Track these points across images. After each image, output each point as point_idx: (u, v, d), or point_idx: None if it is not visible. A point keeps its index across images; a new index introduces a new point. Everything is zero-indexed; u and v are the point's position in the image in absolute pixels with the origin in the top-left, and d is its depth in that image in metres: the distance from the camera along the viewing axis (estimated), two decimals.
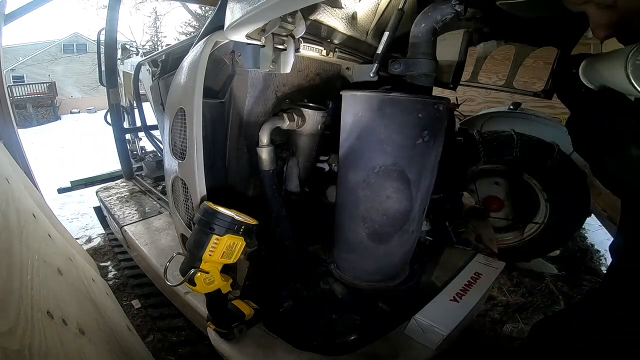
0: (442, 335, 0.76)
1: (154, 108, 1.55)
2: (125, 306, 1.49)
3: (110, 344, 0.85)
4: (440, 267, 1.06)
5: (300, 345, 0.79)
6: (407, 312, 0.83)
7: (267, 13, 0.57)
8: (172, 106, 0.82)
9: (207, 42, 0.74)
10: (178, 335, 1.26)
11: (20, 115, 11.43)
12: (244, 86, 0.84)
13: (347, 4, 0.83)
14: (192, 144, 0.75)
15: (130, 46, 2.22)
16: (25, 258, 0.71)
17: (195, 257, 0.69)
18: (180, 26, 16.61)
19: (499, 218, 1.81)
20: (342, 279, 0.99)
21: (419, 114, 0.74)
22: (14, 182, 0.99)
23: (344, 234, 0.93)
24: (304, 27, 0.70)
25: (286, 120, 0.89)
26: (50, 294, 0.73)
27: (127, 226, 1.53)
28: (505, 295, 1.58)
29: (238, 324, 0.80)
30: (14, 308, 0.56)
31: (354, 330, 0.83)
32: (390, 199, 0.82)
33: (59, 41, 16.12)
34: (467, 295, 0.88)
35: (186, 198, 0.84)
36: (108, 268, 1.85)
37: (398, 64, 0.79)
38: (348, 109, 0.83)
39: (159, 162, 2.09)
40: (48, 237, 0.98)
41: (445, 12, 0.70)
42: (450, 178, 1.14)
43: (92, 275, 1.25)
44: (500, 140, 1.66)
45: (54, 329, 0.64)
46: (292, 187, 1.06)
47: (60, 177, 3.15)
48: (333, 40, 0.92)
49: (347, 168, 0.86)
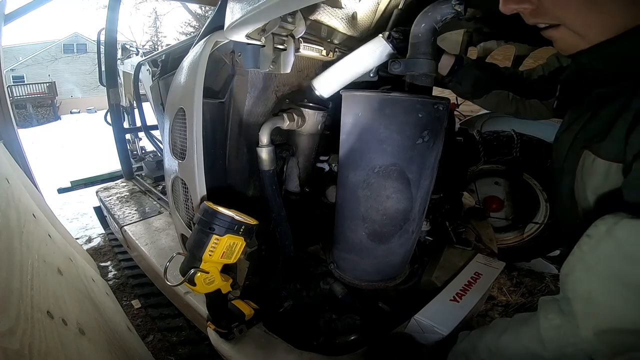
0: (442, 335, 0.76)
1: (154, 108, 1.55)
2: (125, 306, 1.50)
3: (110, 344, 0.85)
4: (440, 267, 1.05)
5: (300, 345, 0.79)
6: (407, 312, 0.83)
7: (267, 13, 0.57)
8: (172, 106, 0.82)
9: (207, 42, 0.74)
10: (178, 335, 1.26)
11: (20, 115, 11.45)
12: (244, 86, 0.84)
13: (347, 4, 0.83)
14: (192, 144, 0.75)
15: (130, 46, 2.22)
16: (25, 258, 0.71)
17: (195, 257, 0.69)
18: (180, 26, 16.64)
19: (499, 218, 1.80)
20: (342, 279, 0.99)
21: (419, 114, 0.74)
22: (14, 182, 0.99)
23: (344, 234, 0.93)
24: (304, 27, 0.70)
25: (286, 120, 0.89)
26: (50, 294, 0.73)
27: (127, 226, 1.53)
28: (505, 295, 1.57)
29: (238, 324, 0.80)
30: (14, 308, 0.56)
31: (354, 330, 0.83)
32: (390, 199, 0.82)
33: (59, 41, 16.14)
34: (467, 295, 0.88)
35: (186, 198, 0.84)
36: (108, 268, 1.85)
37: (398, 64, 0.78)
38: (348, 109, 0.83)
39: (159, 162, 2.09)
40: (48, 237, 0.97)
41: (445, 12, 0.70)
42: (450, 178, 1.14)
43: (92, 275, 1.25)
44: (500, 140, 1.66)
45: (54, 328, 0.64)
46: (292, 187, 1.06)
47: (60, 177, 3.15)
48: (333, 40, 0.92)
49: (347, 168, 0.86)
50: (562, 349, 0.46)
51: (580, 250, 0.47)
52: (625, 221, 0.42)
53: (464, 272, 0.98)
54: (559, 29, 0.51)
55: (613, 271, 0.43)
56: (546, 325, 0.48)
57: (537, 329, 0.49)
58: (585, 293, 0.45)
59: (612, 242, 0.43)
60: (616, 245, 0.42)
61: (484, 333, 0.60)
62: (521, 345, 0.52)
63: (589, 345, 0.44)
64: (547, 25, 0.52)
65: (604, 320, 0.43)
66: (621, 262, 0.42)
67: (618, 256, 0.42)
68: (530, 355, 0.50)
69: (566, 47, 0.54)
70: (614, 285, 0.42)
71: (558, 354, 0.47)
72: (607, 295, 0.43)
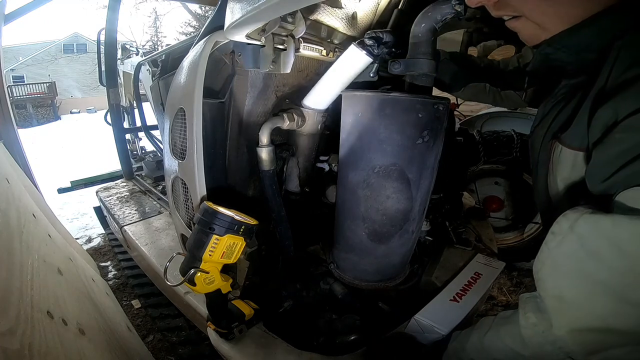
0: (442, 335, 0.76)
1: (154, 108, 1.55)
2: (125, 306, 1.50)
3: (110, 344, 0.85)
4: (440, 267, 1.05)
5: (300, 345, 0.79)
6: (407, 312, 0.83)
7: (267, 13, 0.57)
8: (172, 106, 0.82)
9: (207, 42, 0.74)
10: (178, 335, 1.26)
11: (20, 115, 11.44)
12: (244, 86, 0.84)
13: (347, 4, 0.83)
14: (192, 144, 0.75)
15: (130, 46, 2.22)
16: (25, 258, 0.71)
17: (195, 257, 0.69)
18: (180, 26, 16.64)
19: (499, 218, 1.80)
20: (342, 279, 0.99)
21: (419, 114, 0.74)
22: (14, 182, 0.99)
23: (344, 234, 0.93)
24: (304, 27, 0.70)
25: (286, 120, 0.89)
26: (50, 294, 0.73)
27: (127, 226, 1.53)
28: (505, 295, 1.58)
29: (238, 324, 0.80)
30: (14, 308, 0.56)
31: (354, 330, 0.83)
32: (390, 199, 0.82)
33: (59, 41, 16.13)
34: (467, 295, 0.88)
35: (186, 198, 0.84)
36: (108, 268, 1.85)
37: (398, 64, 0.78)
38: (348, 109, 0.83)
39: (159, 162, 2.09)
40: (48, 237, 0.97)
41: (445, 12, 0.70)
42: (450, 178, 1.14)
43: (92, 275, 1.25)
44: (500, 140, 1.66)
45: (54, 329, 0.64)
46: (292, 187, 1.06)
47: (60, 177, 3.15)
48: (333, 40, 0.92)
49: (347, 168, 0.86)
50: (542, 347, 0.45)
51: (547, 248, 0.46)
52: (586, 217, 0.41)
53: (464, 272, 0.98)
54: (520, 20, 0.52)
55: (579, 269, 0.41)
56: (524, 323, 0.48)
57: (517, 328, 0.49)
58: (556, 291, 0.45)
59: (575, 238, 0.42)
60: (579, 241, 0.41)
61: (471, 333, 0.60)
62: (503, 344, 0.52)
63: (565, 343, 0.43)
64: (511, 17, 0.54)
65: (576, 319, 0.42)
66: (586, 259, 0.40)
67: (582, 253, 0.41)
68: (514, 353, 0.50)
69: (529, 38, 0.55)
70: (581, 282, 0.41)
71: (538, 352, 0.46)
72: (576, 293, 0.42)
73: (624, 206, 0.40)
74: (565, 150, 0.52)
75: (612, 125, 0.42)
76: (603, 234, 0.39)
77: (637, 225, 0.36)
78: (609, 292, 0.39)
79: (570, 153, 0.51)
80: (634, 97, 0.40)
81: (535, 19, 0.50)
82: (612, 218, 0.39)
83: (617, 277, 0.38)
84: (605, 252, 0.39)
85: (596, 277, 0.40)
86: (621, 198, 0.40)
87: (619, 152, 0.41)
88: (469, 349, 0.59)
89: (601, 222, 0.39)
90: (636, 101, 0.39)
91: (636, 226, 0.36)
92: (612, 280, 0.38)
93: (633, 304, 0.38)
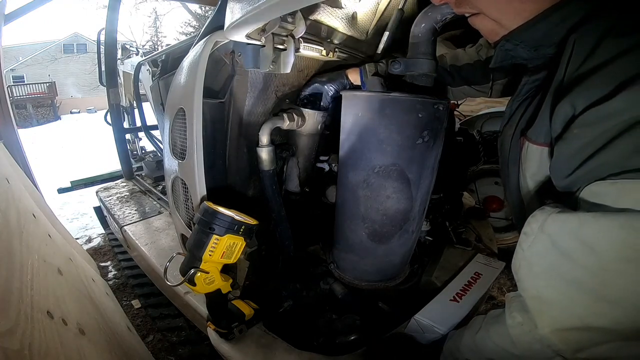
0: (442, 335, 0.76)
1: (154, 108, 1.55)
2: (125, 306, 1.49)
3: (110, 344, 0.85)
4: (440, 267, 1.05)
5: (300, 345, 0.79)
6: (407, 312, 0.83)
7: (267, 13, 0.57)
8: (172, 106, 0.82)
9: (207, 42, 0.74)
10: (178, 335, 1.26)
11: (20, 115, 11.43)
12: (244, 86, 0.84)
13: (347, 4, 0.83)
14: (192, 144, 0.75)
15: (130, 46, 2.22)
16: (25, 258, 0.71)
17: (195, 257, 0.69)
18: (180, 26, 16.62)
19: (499, 218, 1.80)
20: (342, 279, 0.99)
21: (419, 114, 0.74)
22: (14, 182, 0.99)
23: (344, 234, 0.93)
24: (304, 27, 0.70)
25: (286, 120, 0.89)
26: (50, 294, 0.73)
27: (127, 226, 1.53)
28: (505, 295, 1.57)
29: (238, 324, 0.80)
30: (14, 308, 0.56)
31: (354, 330, 0.83)
32: (390, 199, 0.82)
33: (59, 41, 16.12)
34: (467, 295, 0.88)
35: (186, 198, 0.84)
36: (108, 268, 1.85)
37: (398, 64, 0.79)
38: (348, 109, 0.83)
39: (159, 162, 2.09)
40: (48, 237, 0.97)
41: (445, 12, 0.70)
42: (450, 178, 1.14)
43: (92, 275, 1.25)
44: None
45: (54, 329, 0.64)
46: (292, 187, 1.06)
47: (60, 177, 3.15)
48: (333, 40, 0.92)
49: (347, 168, 0.86)
50: (531, 345, 0.45)
51: (521, 249, 0.46)
52: (554, 216, 0.41)
53: (464, 272, 0.98)
54: (479, 17, 0.53)
55: (553, 269, 0.41)
56: (511, 322, 0.48)
57: (505, 327, 0.49)
58: (534, 292, 0.45)
59: (546, 238, 0.42)
60: (550, 241, 0.41)
61: (463, 333, 0.60)
62: (493, 344, 0.52)
63: (552, 342, 0.43)
64: (470, 14, 0.54)
65: (556, 320, 0.42)
66: (558, 259, 0.40)
67: (554, 253, 0.41)
68: (505, 352, 0.50)
69: (489, 34, 0.55)
70: (557, 282, 0.41)
71: (528, 351, 0.46)
72: (553, 293, 0.42)
73: (587, 202, 0.40)
74: (531, 146, 0.52)
75: (571, 119, 0.42)
76: (571, 233, 0.39)
77: (601, 223, 0.36)
78: (585, 290, 0.39)
79: (537, 149, 0.51)
80: (590, 91, 0.40)
81: (492, 15, 0.50)
82: (578, 216, 0.39)
83: (590, 276, 0.38)
84: (575, 251, 0.39)
85: (570, 277, 0.40)
86: (584, 194, 0.40)
87: (578, 147, 0.41)
88: (463, 349, 0.59)
89: (569, 222, 0.40)
90: (592, 95, 0.39)
91: (601, 224, 0.36)
92: (586, 279, 0.38)
93: (609, 301, 0.37)
